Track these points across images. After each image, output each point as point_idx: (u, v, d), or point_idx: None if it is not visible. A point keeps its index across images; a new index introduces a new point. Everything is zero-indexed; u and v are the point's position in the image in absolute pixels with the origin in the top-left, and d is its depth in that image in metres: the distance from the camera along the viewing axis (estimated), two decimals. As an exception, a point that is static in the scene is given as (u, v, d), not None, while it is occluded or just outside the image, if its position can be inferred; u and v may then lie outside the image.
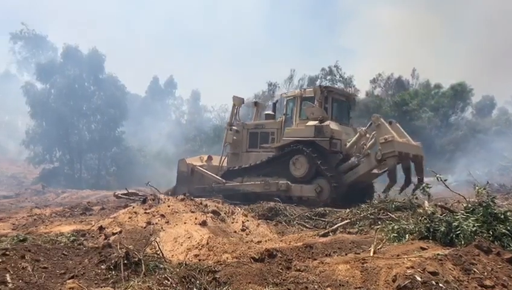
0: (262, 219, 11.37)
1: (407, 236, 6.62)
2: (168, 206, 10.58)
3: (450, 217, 6.27)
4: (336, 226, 9.68)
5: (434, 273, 4.48)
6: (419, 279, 4.34)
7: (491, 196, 6.44)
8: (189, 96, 75.67)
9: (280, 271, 5.31)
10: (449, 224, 6.08)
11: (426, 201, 7.79)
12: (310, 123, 15.77)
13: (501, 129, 39.98)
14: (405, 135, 15.47)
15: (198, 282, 4.81)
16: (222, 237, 8.51)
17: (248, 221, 10.73)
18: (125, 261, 5.05)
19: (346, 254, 6.33)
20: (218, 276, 4.91)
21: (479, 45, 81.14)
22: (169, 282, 4.70)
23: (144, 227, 9.32)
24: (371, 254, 5.67)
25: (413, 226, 6.74)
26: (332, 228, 9.56)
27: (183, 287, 4.71)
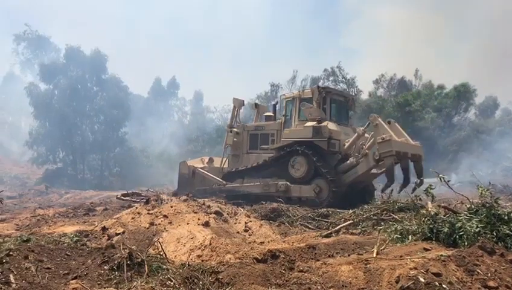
0: (265, 220, 11.35)
1: (410, 237, 6.61)
2: (171, 206, 10.60)
3: (453, 218, 6.26)
4: (339, 227, 9.67)
5: (437, 274, 4.47)
6: (422, 280, 4.33)
7: (495, 197, 6.43)
8: (192, 97, 75.94)
9: (283, 272, 5.30)
10: (452, 225, 6.06)
11: (429, 202, 7.77)
12: (308, 124, 15.79)
13: (504, 130, 39.89)
14: (404, 135, 15.42)
15: (201, 283, 4.82)
16: (225, 238, 8.51)
17: (251, 222, 10.73)
18: (128, 261, 5.07)
19: (349, 255, 6.32)
20: (221, 277, 4.91)
21: (482, 46, 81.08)
22: (172, 283, 4.71)
23: (147, 228, 9.34)
24: (374, 255, 5.66)
25: (416, 227, 6.73)
26: (335, 229, 9.54)
27: (186, 287, 4.72)
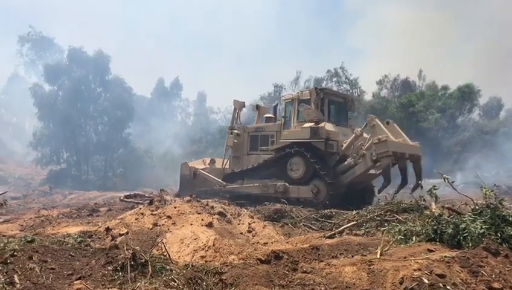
0: (268, 221, 11.35)
1: (414, 238, 6.59)
2: (175, 207, 10.62)
3: (458, 219, 6.25)
4: (343, 227, 9.65)
5: (441, 275, 4.45)
6: (426, 281, 4.32)
7: (499, 198, 6.41)
8: (195, 97, 76.07)
9: (286, 273, 5.30)
10: (456, 226, 6.04)
11: (433, 203, 7.75)
12: (306, 125, 15.88)
13: (509, 131, 39.69)
14: (402, 135, 15.48)
15: (204, 283, 4.81)
16: (228, 239, 8.51)
17: (254, 223, 10.73)
18: (132, 262, 5.07)
19: (352, 256, 6.30)
20: (224, 277, 4.91)
21: (487, 46, 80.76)
22: (175, 283, 4.71)
23: (151, 228, 9.36)
24: (378, 256, 5.65)
25: (420, 228, 6.71)
26: (338, 230, 9.52)
27: (189, 288, 4.72)
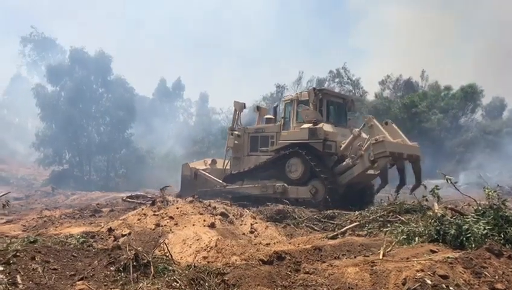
0: (270, 221, 11.35)
1: (416, 239, 6.57)
2: (177, 208, 10.60)
3: (460, 220, 6.22)
4: (345, 228, 9.64)
5: (444, 276, 4.44)
6: (429, 282, 4.31)
7: (502, 199, 6.39)
8: (197, 98, 76.05)
9: (289, 274, 5.29)
10: (459, 227, 6.02)
11: (436, 203, 7.73)
12: (304, 126, 15.97)
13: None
14: (401, 135, 15.51)
15: (207, 284, 4.81)
16: (231, 239, 8.51)
17: (256, 223, 10.72)
18: (134, 263, 5.07)
19: (355, 257, 6.29)
20: (226, 278, 4.91)
21: (490, 46, 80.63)
22: (178, 284, 4.70)
23: (153, 229, 9.35)
24: (380, 257, 5.63)
25: (423, 228, 6.69)
26: (341, 231, 9.51)
27: (191, 289, 4.72)
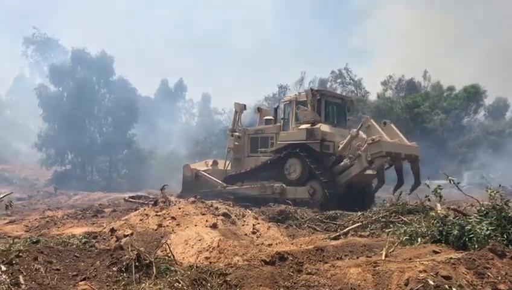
0: (272, 222, 11.34)
1: (419, 239, 6.55)
2: (179, 208, 10.60)
3: (463, 221, 6.20)
4: (347, 229, 9.62)
5: (447, 277, 4.42)
6: (431, 283, 4.29)
7: (505, 199, 6.37)
8: (199, 98, 76.13)
9: (291, 274, 5.29)
10: (462, 227, 6.00)
11: (438, 204, 7.72)
12: (302, 126, 16.07)
13: (514, 131, 39.58)
14: (399, 135, 15.57)
15: (209, 285, 4.81)
16: (233, 240, 8.50)
17: (259, 224, 10.70)
18: (136, 263, 5.07)
19: (357, 257, 6.27)
20: (229, 279, 4.91)
21: (493, 46, 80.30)
22: (180, 285, 4.70)
23: (155, 229, 9.35)
24: (383, 258, 5.61)
25: (425, 229, 6.67)
26: (343, 231, 9.49)
27: (194, 289, 4.72)
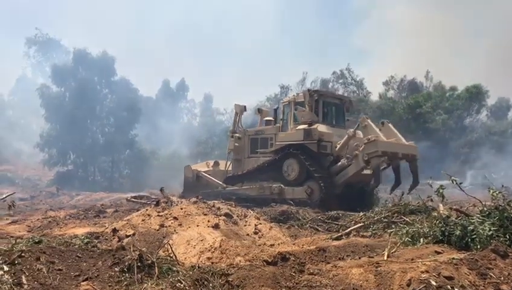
0: (274, 222, 11.36)
1: (421, 240, 6.55)
2: (181, 209, 10.61)
3: (466, 221, 6.19)
4: (349, 229, 9.62)
5: (449, 277, 4.41)
6: (434, 283, 4.28)
7: (507, 200, 6.35)
8: (201, 99, 76.13)
9: (293, 275, 5.28)
10: (464, 228, 5.99)
11: (441, 204, 7.70)
12: (300, 127, 16.15)
13: (517, 131, 39.48)
14: (396, 135, 15.63)
15: (211, 285, 4.82)
16: (235, 240, 8.50)
17: (260, 224, 10.72)
18: (138, 263, 5.07)
19: (359, 258, 6.27)
20: (231, 279, 4.91)
21: (495, 46, 79.99)
22: (182, 285, 4.71)
23: (157, 230, 9.36)
24: (385, 258, 5.61)
25: (427, 229, 6.67)
26: (345, 232, 9.50)
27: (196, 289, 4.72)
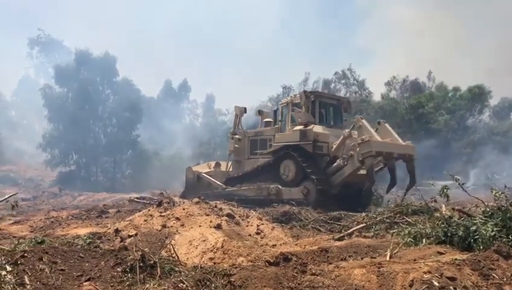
0: (276, 223, 11.36)
1: (424, 240, 6.54)
2: (183, 209, 10.61)
3: (468, 222, 6.18)
4: (352, 230, 9.62)
5: (452, 278, 4.40)
6: (436, 284, 4.28)
7: (510, 200, 6.34)
8: (203, 99, 76.16)
9: (295, 275, 5.27)
10: (467, 228, 5.99)
11: (443, 205, 7.69)
12: (296, 128, 16.29)
13: (520, 132, 39.37)
14: (393, 135, 15.62)
15: (213, 285, 4.81)
16: (237, 241, 8.49)
17: (263, 224, 10.70)
18: (140, 264, 5.07)
19: (362, 258, 6.27)
20: (233, 279, 4.91)
21: (498, 46, 79.90)
22: (184, 285, 4.71)
23: (159, 230, 9.36)
24: (387, 259, 5.61)
25: (430, 230, 6.65)
26: (347, 232, 9.49)
27: (198, 290, 4.73)
